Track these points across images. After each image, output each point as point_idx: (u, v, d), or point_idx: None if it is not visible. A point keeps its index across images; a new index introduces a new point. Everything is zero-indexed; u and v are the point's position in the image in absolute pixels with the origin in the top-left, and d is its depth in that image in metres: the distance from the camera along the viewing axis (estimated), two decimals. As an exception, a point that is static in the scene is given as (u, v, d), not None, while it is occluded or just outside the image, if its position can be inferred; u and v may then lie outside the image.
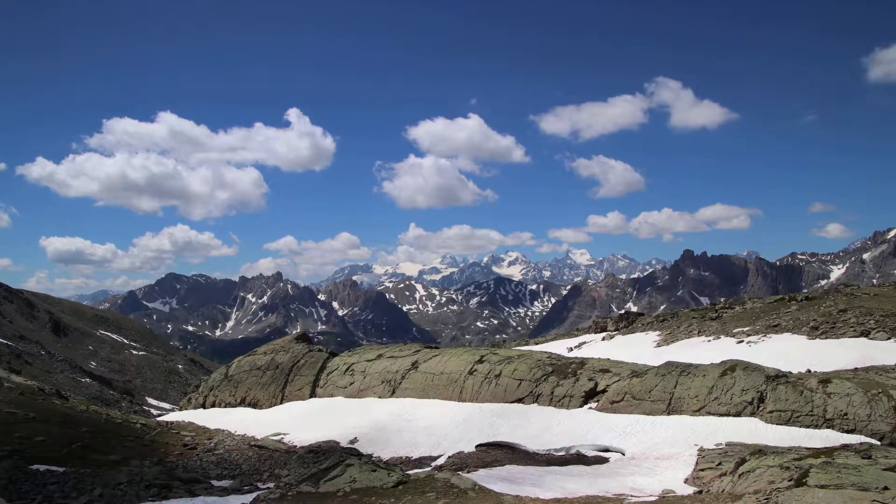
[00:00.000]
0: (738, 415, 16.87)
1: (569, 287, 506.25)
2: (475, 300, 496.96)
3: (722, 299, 60.04)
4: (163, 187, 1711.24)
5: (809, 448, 13.38)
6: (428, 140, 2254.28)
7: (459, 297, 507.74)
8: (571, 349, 40.94)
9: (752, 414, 16.72)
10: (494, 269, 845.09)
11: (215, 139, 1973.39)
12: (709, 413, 17.25)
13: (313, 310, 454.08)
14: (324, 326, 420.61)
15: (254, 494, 11.62)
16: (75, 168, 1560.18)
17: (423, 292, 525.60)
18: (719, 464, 13.16)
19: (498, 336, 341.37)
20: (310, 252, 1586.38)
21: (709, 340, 32.22)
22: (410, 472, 14.29)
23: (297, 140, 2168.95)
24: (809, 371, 20.20)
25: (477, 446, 17.66)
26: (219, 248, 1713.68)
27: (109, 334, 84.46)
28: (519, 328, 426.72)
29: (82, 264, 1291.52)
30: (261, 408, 28.15)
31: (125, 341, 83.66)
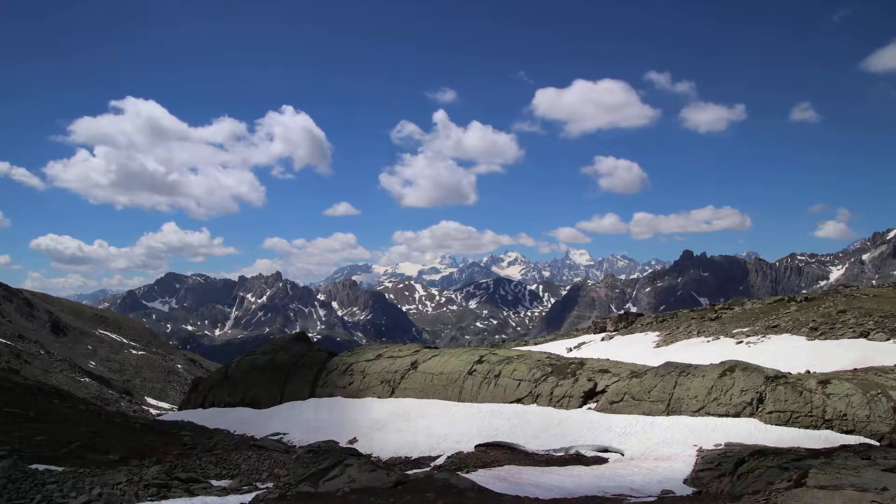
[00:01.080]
0: (737, 415, 16.87)
1: (568, 287, 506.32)
2: (474, 300, 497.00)
3: (721, 300, 60.01)
4: (157, 185, 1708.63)
5: (808, 449, 13.38)
6: (426, 139, 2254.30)
7: (459, 298, 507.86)
8: (571, 349, 40.99)
9: (752, 415, 16.72)
10: (494, 269, 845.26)
11: (211, 137, 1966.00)
12: (708, 414, 17.25)
13: (312, 310, 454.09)
14: (323, 326, 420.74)
15: (253, 494, 11.60)
16: (68, 166, 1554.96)
17: (422, 292, 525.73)
18: (718, 464, 13.16)
19: (497, 336, 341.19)
20: (305, 251, 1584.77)
21: (708, 341, 32.30)
22: (409, 472, 14.31)
23: (294, 138, 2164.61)
24: (809, 372, 20.26)
25: (476, 446, 17.64)
26: (218, 248, 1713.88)
27: (109, 334, 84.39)
28: (518, 328, 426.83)
29: (78, 264, 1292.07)
30: (260, 407, 28.13)
31: (124, 341, 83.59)
